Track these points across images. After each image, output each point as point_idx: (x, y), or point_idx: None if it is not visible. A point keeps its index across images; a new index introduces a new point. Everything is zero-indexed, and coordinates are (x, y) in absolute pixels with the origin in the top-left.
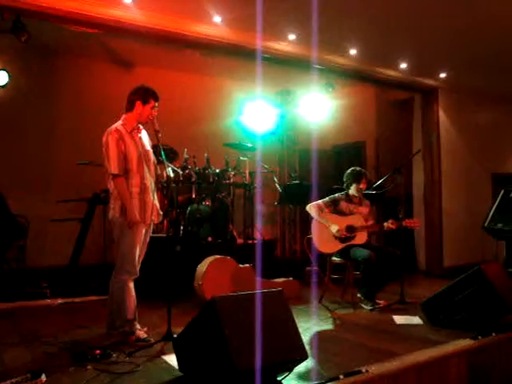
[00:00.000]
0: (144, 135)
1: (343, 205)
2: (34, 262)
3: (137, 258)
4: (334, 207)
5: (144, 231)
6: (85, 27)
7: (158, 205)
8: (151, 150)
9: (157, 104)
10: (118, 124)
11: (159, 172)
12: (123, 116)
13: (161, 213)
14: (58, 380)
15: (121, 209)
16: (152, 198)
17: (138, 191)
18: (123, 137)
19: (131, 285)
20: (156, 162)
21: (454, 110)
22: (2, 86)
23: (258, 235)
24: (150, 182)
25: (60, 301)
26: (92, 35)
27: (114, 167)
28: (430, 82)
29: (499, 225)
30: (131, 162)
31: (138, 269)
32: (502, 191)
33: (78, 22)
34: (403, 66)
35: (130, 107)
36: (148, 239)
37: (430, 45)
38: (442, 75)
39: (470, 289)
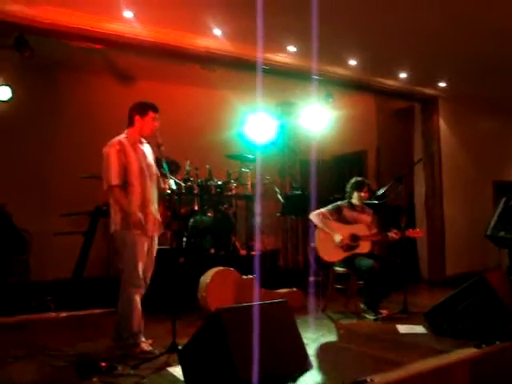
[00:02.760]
0: (147, 149)
1: (347, 212)
2: (37, 275)
3: (141, 269)
4: (338, 215)
5: (147, 244)
6: (87, 42)
7: (159, 217)
8: (153, 164)
9: (157, 115)
10: (121, 137)
11: (163, 185)
12: (125, 130)
13: (162, 225)
14: None
15: (121, 221)
16: (153, 210)
17: (139, 204)
18: (125, 149)
19: (138, 298)
20: (159, 174)
21: (454, 118)
22: (5, 101)
23: (257, 246)
24: (152, 195)
25: (64, 314)
26: (94, 50)
27: (114, 177)
28: (429, 91)
29: (501, 233)
30: (132, 173)
31: (145, 282)
32: (504, 199)
33: (81, 38)
34: (403, 75)
35: (130, 122)
36: (154, 253)
37: (429, 54)
38: (442, 84)
39: (474, 297)
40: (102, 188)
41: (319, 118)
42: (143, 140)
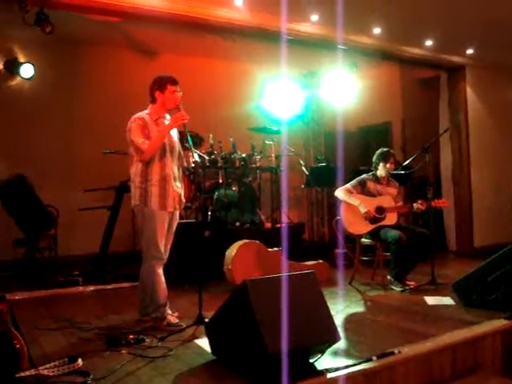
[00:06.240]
0: None
1: (371, 185)
2: (65, 250)
3: (161, 242)
4: (362, 188)
5: (168, 218)
6: (106, 15)
7: (181, 193)
8: (177, 140)
9: (177, 88)
10: (144, 113)
11: (184, 163)
12: (149, 106)
13: (183, 201)
14: (94, 364)
15: (140, 197)
16: (174, 186)
17: (159, 178)
18: (147, 125)
19: (160, 270)
20: (182, 151)
21: (481, 87)
22: (29, 79)
23: (284, 218)
24: (173, 171)
25: (92, 288)
26: (116, 25)
27: (142, 143)
28: (456, 59)
29: None
30: None
31: (165, 254)
32: None
33: (97, 10)
34: (428, 43)
35: (152, 99)
36: (174, 227)
37: (456, 20)
38: (469, 51)
39: (503, 269)
40: (126, 163)
41: (344, 89)
42: (167, 116)
